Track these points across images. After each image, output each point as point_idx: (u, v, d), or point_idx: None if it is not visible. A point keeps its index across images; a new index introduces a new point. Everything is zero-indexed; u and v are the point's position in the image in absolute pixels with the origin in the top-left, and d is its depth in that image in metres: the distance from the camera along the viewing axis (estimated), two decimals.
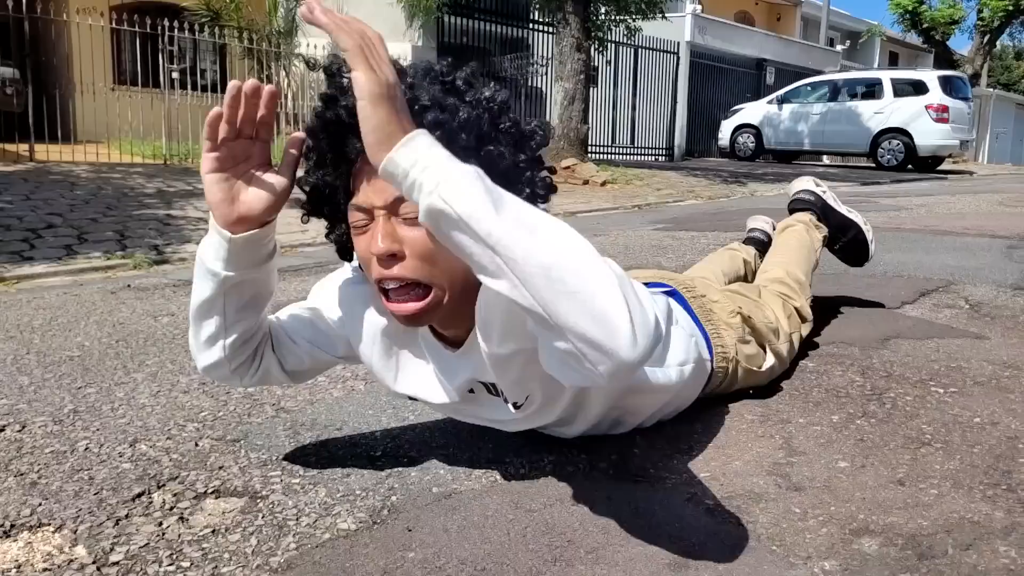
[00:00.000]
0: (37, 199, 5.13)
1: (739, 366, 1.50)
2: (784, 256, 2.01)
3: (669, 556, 1.03)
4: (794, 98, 14.45)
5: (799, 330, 1.78)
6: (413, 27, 9.91)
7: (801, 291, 1.88)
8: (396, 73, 0.87)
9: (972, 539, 1.06)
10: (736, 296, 1.60)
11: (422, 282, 1.01)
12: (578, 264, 0.79)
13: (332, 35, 0.84)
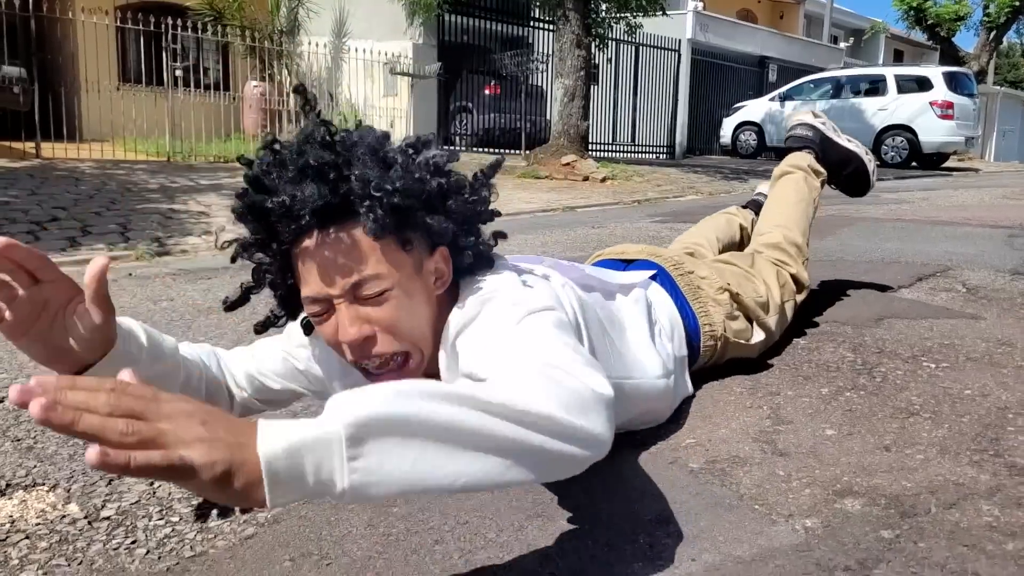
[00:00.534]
0: (42, 194, 5.17)
1: (728, 342, 1.51)
2: (781, 215, 1.95)
3: (651, 513, 1.04)
4: (796, 95, 14.41)
5: (793, 298, 1.76)
6: (414, 25, 9.94)
7: (798, 255, 1.84)
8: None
9: (956, 499, 1.07)
10: (726, 270, 1.60)
11: (400, 351, 1.00)
12: (513, 438, 0.72)
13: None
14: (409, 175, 0.95)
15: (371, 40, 9.69)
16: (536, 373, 0.79)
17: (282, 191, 0.93)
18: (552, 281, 1.10)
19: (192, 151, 7.73)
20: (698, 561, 0.92)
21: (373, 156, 0.96)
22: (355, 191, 0.93)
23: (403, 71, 9.43)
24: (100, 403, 0.60)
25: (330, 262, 0.94)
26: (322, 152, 0.93)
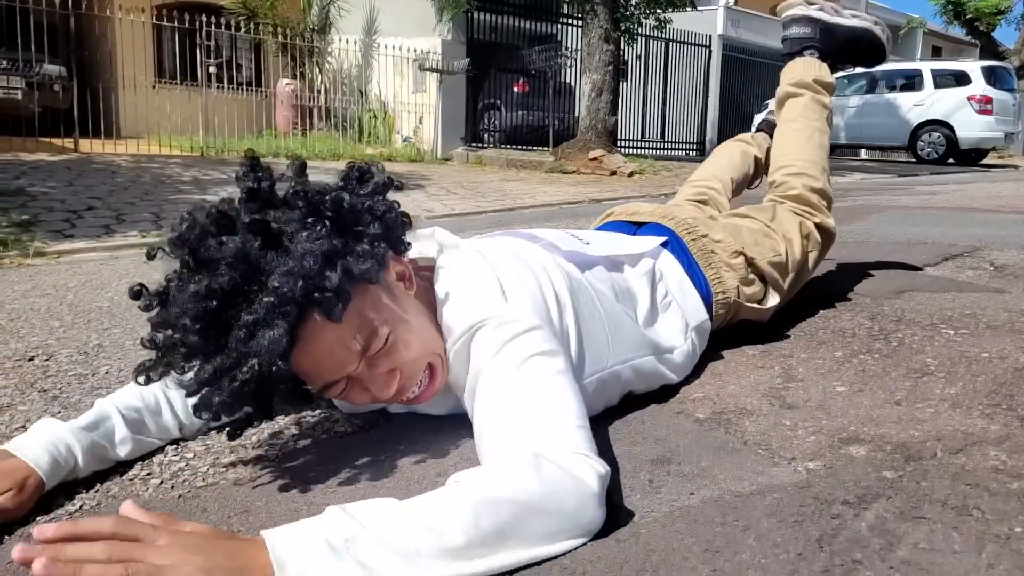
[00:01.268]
0: (79, 185, 5.31)
1: (741, 307, 1.49)
2: (796, 156, 1.80)
3: (653, 454, 1.05)
4: None
5: (817, 249, 1.70)
6: (443, 22, 10.01)
7: (821, 202, 1.74)
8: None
9: (963, 445, 1.06)
10: (742, 228, 1.55)
11: (425, 367, 1.03)
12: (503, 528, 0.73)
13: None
14: (320, 242, 0.89)
15: (401, 37, 9.78)
16: (528, 466, 0.78)
17: (230, 350, 0.86)
18: (529, 260, 1.10)
19: (225, 147, 7.87)
20: (696, 495, 0.92)
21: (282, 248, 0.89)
22: (288, 301, 0.86)
23: (432, 67, 9.49)
24: (98, 552, 0.65)
25: (327, 353, 0.93)
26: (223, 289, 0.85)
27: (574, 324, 1.08)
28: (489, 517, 0.72)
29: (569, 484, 0.78)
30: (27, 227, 3.99)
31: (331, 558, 0.67)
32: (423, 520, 0.71)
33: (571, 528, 0.78)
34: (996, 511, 0.87)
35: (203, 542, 0.69)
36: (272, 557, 0.67)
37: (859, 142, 14.51)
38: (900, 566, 0.76)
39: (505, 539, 0.73)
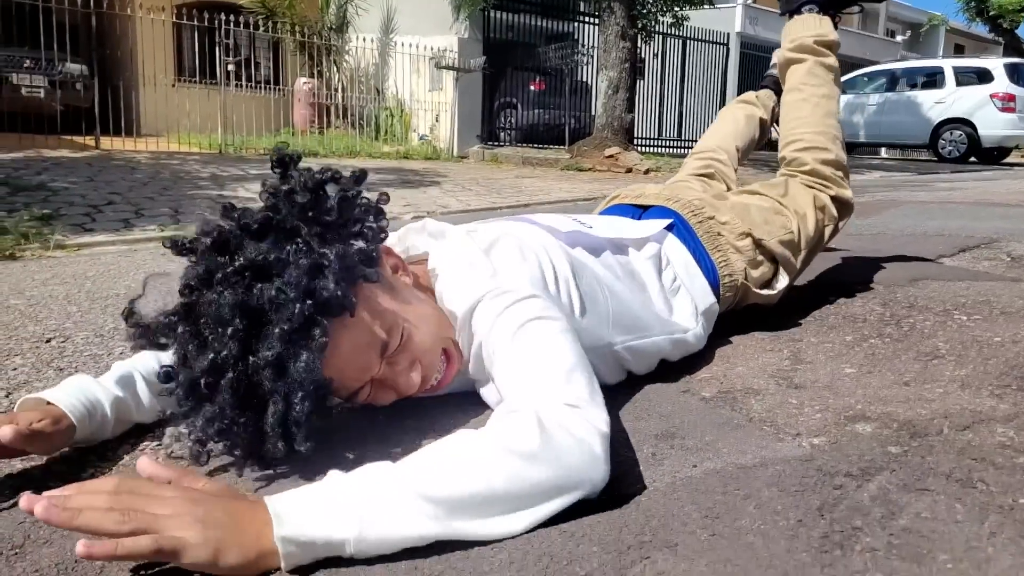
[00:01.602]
0: (100, 181, 5.38)
1: (749, 291, 1.48)
2: (802, 128, 1.73)
3: (657, 429, 1.05)
4: (849, 88, 14.08)
5: (834, 223, 1.66)
6: (459, 20, 10.03)
7: (836, 174, 1.68)
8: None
9: (971, 423, 1.05)
10: (751, 207, 1.52)
11: (441, 353, 1.04)
12: (501, 481, 0.73)
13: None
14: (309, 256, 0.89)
15: (418, 35, 9.82)
16: (530, 423, 0.78)
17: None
18: (524, 238, 1.11)
19: (243, 144, 7.94)
20: (699, 467, 0.92)
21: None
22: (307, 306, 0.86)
23: (448, 65, 9.52)
24: (100, 502, 0.67)
25: (349, 361, 0.93)
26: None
27: (577, 299, 1.08)
28: (490, 472, 0.73)
29: (571, 440, 0.79)
30: (48, 221, 4.05)
31: (330, 512, 0.69)
32: (422, 476, 0.72)
33: (574, 484, 0.77)
34: (1001, 483, 0.86)
35: (206, 497, 0.71)
36: (271, 512, 0.69)
37: (879, 140, 14.37)
38: (900, 533, 0.76)
39: (505, 496, 0.73)
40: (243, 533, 0.68)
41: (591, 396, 0.86)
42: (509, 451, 0.75)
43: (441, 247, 1.11)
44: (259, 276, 0.86)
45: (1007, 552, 0.73)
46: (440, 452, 0.76)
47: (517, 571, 0.69)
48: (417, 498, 0.71)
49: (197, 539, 0.66)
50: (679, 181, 1.83)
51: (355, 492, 0.71)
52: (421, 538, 0.70)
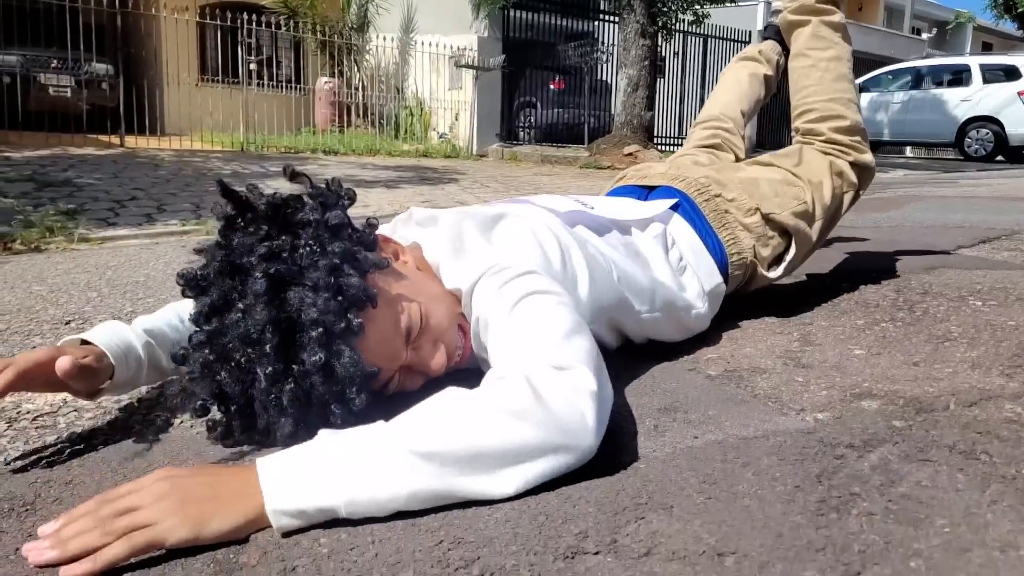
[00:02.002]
0: (124, 177, 5.47)
1: (757, 269, 1.47)
2: (813, 98, 1.66)
3: (660, 404, 1.05)
4: (873, 87, 13.93)
5: (852, 189, 1.61)
6: (479, 19, 10.06)
7: (852, 139, 1.62)
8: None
9: (978, 399, 1.04)
10: (760, 181, 1.48)
11: (456, 328, 1.05)
12: (489, 435, 0.74)
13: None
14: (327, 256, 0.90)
15: (438, 35, 9.86)
16: (520, 383, 0.79)
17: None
18: (523, 215, 1.12)
19: (265, 143, 8.02)
20: (700, 439, 0.93)
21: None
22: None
23: (467, 64, 9.55)
24: (85, 524, 0.68)
25: (378, 352, 0.93)
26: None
27: (580, 275, 1.08)
28: (479, 428, 0.74)
29: (559, 400, 0.78)
30: (73, 215, 4.12)
31: (320, 478, 0.70)
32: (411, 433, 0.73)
33: (564, 443, 0.77)
34: (1005, 455, 0.86)
35: (184, 475, 0.72)
36: (261, 486, 0.70)
37: (904, 139, 14.19)
38: (899, 499, 0.75)
39: (494, 452, 0.74)
40: (225, 501, 0.69)
41: (585, 359, 0.85)
42: (498, 409, 0.76)
43: (436, 232, 1.11)
44: (280, 287, 0.86)
45: (1007, 519, 0.72)
46: (429, 410, 0.77)
47: (512, 528, 0.70)
48: (407, 455, 0.71)
49: (175, 520, 0.67)
50: (686, 155, 1.81)
51: (345, 454, 0.72)
52: (412, 495, 0.71)
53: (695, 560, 0.65)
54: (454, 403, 0.78)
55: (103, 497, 0.70)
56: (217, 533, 0.68)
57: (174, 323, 1.08)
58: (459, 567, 0.64)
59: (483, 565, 0.64)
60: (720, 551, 0.66)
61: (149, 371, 1.02)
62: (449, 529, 0.70)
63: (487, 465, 0.73)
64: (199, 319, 0.89)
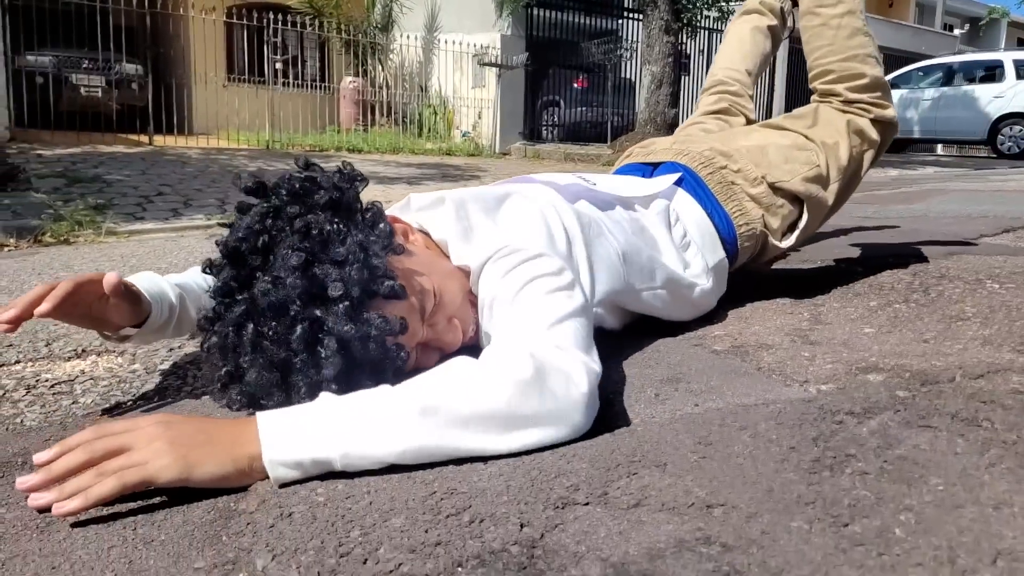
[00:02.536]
0: (152, 174, 5.57)
1: (768, 239, 1.45)
2: (827, 59, 1.60)
3: (663, 375, 1.05)
4: (903, 83, 13.71)
5: (874, 147, 1.56)
6: (502, 17, 10.08)
7: (872, 95, 1.55)
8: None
9: (985, 372, 1.03)
10: (768, 148, 1.45)
11: (469, 303, 1.06)
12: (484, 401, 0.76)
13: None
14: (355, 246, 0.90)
15: (461, 33, 9.90)
16: (521, 357, 0.80)
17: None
18: (528, 194, 1.13)
19: (290, 141, 8.12)
20: (700, 407, 0.93)
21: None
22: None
23: (490, 62, 9.58)
24: (77, 457, 0.69)
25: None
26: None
27: (584, 254, 1.09)
28: (480, 393, 0.75)
29: (559, 376, 0.80)
30: (101, 210, 4.21)
31: (317, 431, 0.72)
32: (412, 391, 0.75)
33: (560, 416, 0.79)
34: (1007, 422, 0.85)
35: (181, 419, 0.74)
36: (260, 437, 0.72)
37: (934, 136, 13.94)
38: (895, 460, 0.75)
39: (492, 416, 0.75)
40: (218, 447, 0.71)
41: (581, 342, 0.87)
42: (498, 377, 0.77)
43: (441, 211, 1.11)
44: (310, 263, 0.87)
45: (1004, 480, 0.72)
46: (432, 373, 0.79)
47: (505, 481, 0.71)
48: (405, 411, 0.73)
49: (166, 459, 0.69)
50: (695, 123, 1.80)
51: (344, 409, 0.74)
52: (405, 450, 0.73)
53: (684, 511, 0.66)
54: (456, 368, 0.80)
55: (99, 430, 0.72)
56: (206, 477, 0.70)
57: (200, 283, 1.10)
58: (450, 514, 0.65)
59: (473, 512, 0.65)
60: (709, 503, 0.67)
61: (178, 322, 1.04)
62: (443, 481, 0.71)
63: (481, 427, 0.75)
64: (224, 290, 0.90)
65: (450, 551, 0.60)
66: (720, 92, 1.84)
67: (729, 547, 0.60)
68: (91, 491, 0.67)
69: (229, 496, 0.71)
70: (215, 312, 0.90)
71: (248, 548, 0.62)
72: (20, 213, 3.89)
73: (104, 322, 0.96)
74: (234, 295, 0.88)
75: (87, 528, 0.67)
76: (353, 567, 0.58)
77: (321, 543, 0.62)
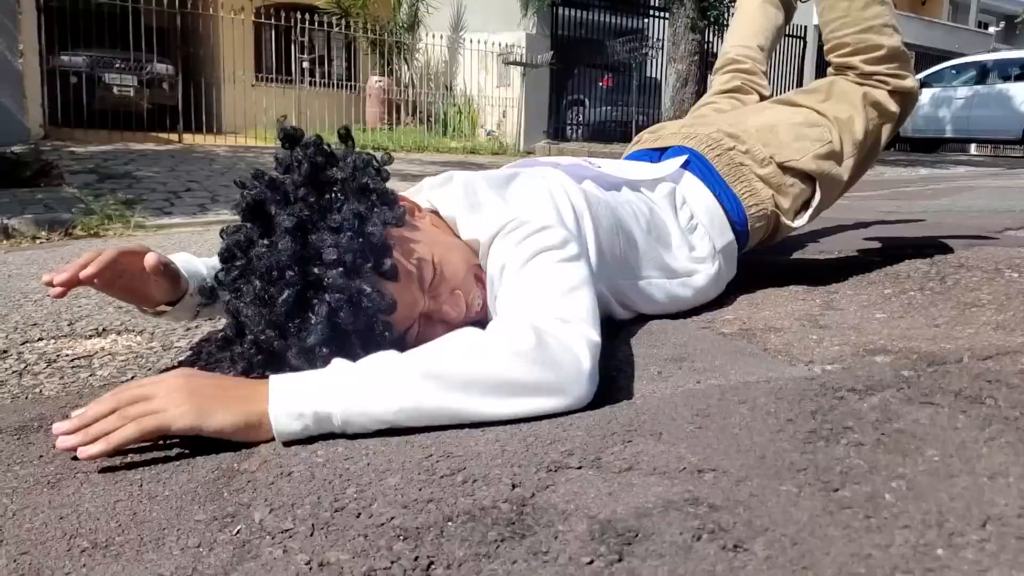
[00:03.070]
0: (180, 170, 5.67)
1: (780, 219, 1.44)
2: (842, 31, 1.55)
3: (669, 355, 1.06)
4: (936, 82, 13.48)
5: (892, 120, 1.53)
6: (528, 16, 10.10)
7: (890, 67, 1.52)
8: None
9: (994, 353, 1.02)
10: (779, 127, 1.44)
11: (473, 278, 1.07)
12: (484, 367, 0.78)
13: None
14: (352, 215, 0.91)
15: (486, 32, 9.93)
16: (524, 328, 0.82)
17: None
18: (536, 173, 1.14)
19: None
20: (702, 383, 0.93)
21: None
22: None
23: (515, 60, 9.60)
24: (106, 406, 0.74)
25: (397, 292, 0.93)
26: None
27: (592, 234, 1.10)
28: (482, 361, 0.77)
29: (560, 347, 0.81)
30: (131, 205, 4.29)
31: (323, 388, 0.75)
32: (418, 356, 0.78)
33: (560, 387, 0.80)
34: (1011, 400, 0.84)
35: (199, 374, 0.78)
36: (270, 389, 0.74)
37: (967, 136, 13.69)
38: (893, 433, 0.75)
39: (493, 383, 0.77)
40: (232, 401, 0.75)
41: (585, 315, 0.88)
42: (502, 346, 0.79)
43: (450, 189, 1.12)
44: (305, 227, 0.89)
45: (1002, 452, 0.71)
46: (438, 341, 0.81)
47: (501, 447, 0.72)
48: (407, 373, 0.76)
49: (182, 408, 0.73)
50: (707, 103, 1.79)
51: (350, 370, 0.76)
52: (401, 409, 0.75)
53: (674, 475, 0.66)
54: (461, 336, 0.82)
55: (126, 386, 0.77)
56: (218, 427, 0.73)
57: None
58: (444, 475, 0.67)
59: (467, 474, 0.67)
60: (700, 468, 0.67)
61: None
62: (440, 446, 0.73)
63: (479, 392, 0.77)
64: (227, 254, 0.92)
65: (441, 507, 0.61)
66: (732, 71, 1.82)
67: (716, 507, 0.60)
68: (112, 436, 0.72)
69: (234, 456, 0.73)
70: (216, 275, 0.93)
71: (247, 503, 0.64)
72: (52, 207, 3.99)
73: (143, 296, 1.00)
74: (235, 259, 0.91)
75: (95, 485, 0.69)
76: (346, 520, 0.60)
77: (317, 499, 0.63)
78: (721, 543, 0.55)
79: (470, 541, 0.56)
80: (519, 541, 0.56)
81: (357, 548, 0.56)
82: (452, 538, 0.57)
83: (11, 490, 0.69)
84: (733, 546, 0.55)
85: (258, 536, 0.59)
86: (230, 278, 0.90)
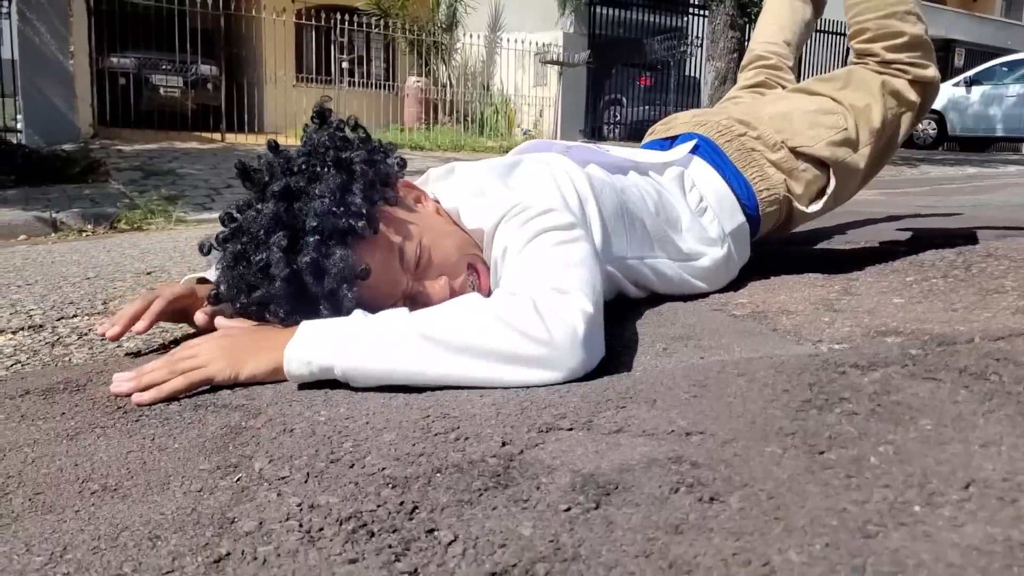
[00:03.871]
0: (222, 168, 5.81)
1: (794, 204, 1.43)
2: (863, 16, 1.53)
3: (676, 333, 1.07)
4: (986, 80, 13.11)
5: (912, 109, 1.52)
6: (565, 15, 10.10)
7: (911, 55, 1.50)
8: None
9: (1006, 335, 1.01)
10: (793, 114, 1.43)
11: (467, 265, 1.09)
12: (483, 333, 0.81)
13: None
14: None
15: (523, 32, 9.97)
16: (528, 304, 0.84)
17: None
18: (542, 158, 1.16)
19: None
20: (706, 359, 0.94)
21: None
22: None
23: (552, 59, 9.62)
24: (160, 363, 0.87)
25: (378, 278, 0.96)
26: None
27: (597, 216, 1.11)
28: (483, 330, 0.81)
29: (557, 320, 0.83)
30: (173, 200, 4.42)
31: (335, 339, 0.81)
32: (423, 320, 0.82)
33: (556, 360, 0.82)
34: (1017, 377, 0.83)
35: (238, 331, 0.90)
36: (300, 324, 0.83)
37: (1019, 135, 13.29)
38: (888, 404, 0.75)
39: (491, 351, 0.80)
40: (261, 352, 0.85)
41: (584, 287, 0.89)
42: (501, 317, 0.82)
43: (454, 180, 1.15)
44: (296, 196, 0.94)
45: (999, 424, 0.71)
46: (443, 306, 0.86)
47: (497, 409, 0.74)
48: (408, 334, 0.80)
49: (221, 363, 0.86)
50: (730, 98, 1.79)
51: (360, 325, 0.83)
52: (394, 369, 0.80)
53: (662, 437, 0.68)
54: (462, 303, 0.86)
55: (180, 347, 0.89)
56: (251, 374, 0.85)
57: None
58: (438, 433, 0.69)
59: (460, 432, 0.69)
60: (688, 431, 0.68)
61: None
62: (438, 407, 0.75)
63: (472, 358, 0.80)
64: (225, 216, 1.00)
65: (431, 460, 0.63)
66: (758, 67, 1.82)
67: (698, 464, 0.61)
68: (163, 386, 0.84)
69: (243, 415, 0.76)
70: (218, 234, 1.00)
71: (250, 455, 0.67)
72: (98, 202, 4.13)
73: (190, 322, 1.11)
74: (233, 221, 0.98)
75: (110, 438, 0.73)
76: (340, 469, 0.62)
77: (315, 451, 0.66)
78: (698, 495, 0.56)
79: (455, 490, 0.58)
80: (502, 491, 0.58)
81: (347, 493, 0.58)
82: (438, 487, 0.59)
83: (33, 441, 0.73)
84: (709, 499, 0.56)
85: (256, 483, 0.62)
86: (221, 238, 0.97)
